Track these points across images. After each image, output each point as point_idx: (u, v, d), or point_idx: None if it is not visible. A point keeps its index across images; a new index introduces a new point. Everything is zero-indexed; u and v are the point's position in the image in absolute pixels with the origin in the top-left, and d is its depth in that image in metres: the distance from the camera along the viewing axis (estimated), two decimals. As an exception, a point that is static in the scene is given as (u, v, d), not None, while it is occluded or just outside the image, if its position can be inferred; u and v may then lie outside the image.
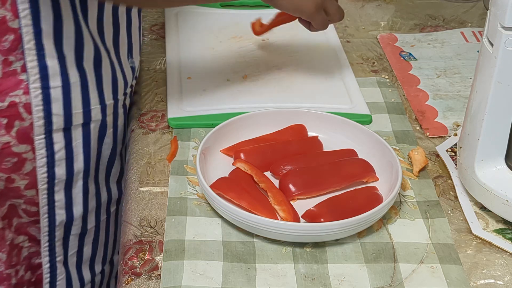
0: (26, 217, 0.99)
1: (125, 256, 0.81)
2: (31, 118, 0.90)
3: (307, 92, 1.07)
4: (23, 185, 0.95)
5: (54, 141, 0.93)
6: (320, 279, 0.77)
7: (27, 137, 0.91)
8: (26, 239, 1.01)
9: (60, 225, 0.99)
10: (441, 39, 1.25)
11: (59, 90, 0.90)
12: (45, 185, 0.95)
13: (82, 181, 0.99)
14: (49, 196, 0.96)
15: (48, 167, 0.94)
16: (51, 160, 0.94)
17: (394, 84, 1.11)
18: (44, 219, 0.97)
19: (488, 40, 0.81)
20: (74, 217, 1.01)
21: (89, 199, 1.02)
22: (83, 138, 0.96)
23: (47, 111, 0.90)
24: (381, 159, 0.90)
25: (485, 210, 0.87)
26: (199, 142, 0.95)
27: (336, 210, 0.82)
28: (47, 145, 0.92)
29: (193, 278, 0.77)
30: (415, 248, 0.82)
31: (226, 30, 1.22)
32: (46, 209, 0.97)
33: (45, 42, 0.86)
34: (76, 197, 1.00)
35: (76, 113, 0.93)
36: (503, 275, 0.79)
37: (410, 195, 0.89)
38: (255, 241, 0.82)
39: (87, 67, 0.92)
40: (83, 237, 1.04)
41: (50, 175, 0.94)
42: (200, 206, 0.86)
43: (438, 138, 1.00)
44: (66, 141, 0.94)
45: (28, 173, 0.94)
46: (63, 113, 0.92)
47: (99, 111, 0.96)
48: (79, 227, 1.03)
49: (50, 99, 0.90)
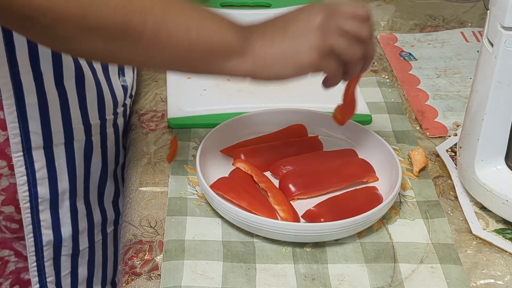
0: (9, 233, 0.97)
1: (125, 256, 0.81)
2: (5, 134, 0.87)
3: (307, 92, 1.07)
4: (0, 201, 0.92)
5: (34, 159, 0.90)
6: (320, 279, 0.77)
7: (2, 153, 0.89)
8: (12, 253, 0.99)
9: (48, 245, 0.97)
10: (441, 39, 1.25)
11: (35, 108, 0.87)
12: (27, 203, 0.93)
13: (69, 201, 0.97)
14: (33, 216, 0.94)
15: (29, 185, 0.91)
16: (32, 178, 0.91)
17: (394, 84, 1.11)
18: (29, 239, 0.95)
19: (488, 40, 0.81)
20: (63, 238, 0.98)
21: (78, 220, 0.99)
22: (67, 157, 0.94)
23: (24, 129, 0.87)
24: (381, 159, 0.90)
25: (485, 210, 0.87)
26: (199, 142, 0.95)
27: (336, 210, 0.82)
28: (27, 163, 0.90)
29: (193, 278, 0.77)
30: (415, 248, 0.81)
31: (226, 30, 1.22)
32: (30, 229, 0.95)
33: (19, 59, 0.83)
34: (64, 217, 0.97)
35: (56, 132, 0.91)
36: (503, 275, 0.79)
37: (410, 195, 0.89)
38: (255, 241, 0.82)
39: (68, 85, 0.89)
40: (76, 258, 1.02)
41: (32, 194, 0.92)
42: (200, 206, 0.86)
43: (438, 138, 1.00)
44: (48, 159, 0.92)
45: (4, 189, 0.92)
46: (41, 131, 0.89)
47: (82, 131, 0.94)
48: (70, 248, 1.00)
49: (26, 117, 0.87)
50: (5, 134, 0.88)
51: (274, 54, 0.75)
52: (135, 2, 0.69)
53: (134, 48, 0.71)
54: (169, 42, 0.72)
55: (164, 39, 0.71)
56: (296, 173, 0.88)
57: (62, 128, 0.91)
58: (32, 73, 0.85)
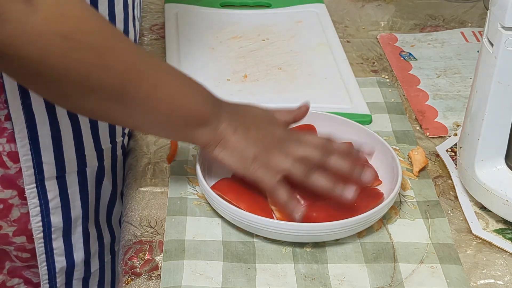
0: (19, 262, 0.95)
1: (125, 256, 0.81)
2: (17, 167, 0.86)
3: (307, 92, 1.07)
4: (11, 232, 0.91)
5: (48, 190, 0.90)
6: (320, 279, 0.77)
7: (13, 183, 0.88)
8: (22, 282, 0.98)
9: (60, 271, 0.96)
10: (441, 39, 1.25)
11: (49, 139, 0.87)
12: (40, 234, 0.92)
13: (81, 227, 0.96)
14: (46, 245, 0.93)
15: (42, 216, 0.91)
16: (46, 208, 0.90)
17: (394, 84, 1.11)
18: (42, 267, 0.94)
19: (488, 40, 0.81)
20: (76, 263, 0.98)
21: (90, 244, 0.99)
22: (80, 185, 0.93)
23: (37, 160, 0.87)
24: (381, 159, 0.90)
25: (485, 210, 0.87)
26: (199, 142, 0.95)
27: (336, 210, 0.82)
28: (40, 194, 0.89)
29: (193, 278, 0.77)
30: (415, 248, 0.82)
31: (226, 30, 1.22)
32: (44, 258, 0.94)
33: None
34: (77, 243, 0.96)
35: (69, 160, 0.90)
36: (503, 275, 0.79)
37: (410, 195, 0.89)
38: (255, 241, 0.82)
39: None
40: (87, 280, 1.01)
41: (45, 223, 0.91)
42: (200, 206, 0.86)
43: (438, 138, 1.00)
44: (60, 188, 0.91)
45: (15, 220, 0.90)
46: (55, 162, 0.88)
47: (94, 157, 0.93)
48: (82, 272, 0.99)
49: (39, 148, 0.86)
50: (17, 166, 0.87)
51: (231, 142, 0.81)
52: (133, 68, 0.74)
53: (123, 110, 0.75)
54: (154, 108, 0.77)
55: (152, 105, 0.76)
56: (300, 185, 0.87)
57: (75, 156, 0.91)
58: (45, 104, 0.85)
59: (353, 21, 1.30)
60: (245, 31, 1.21)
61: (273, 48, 1.18)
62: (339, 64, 1.14)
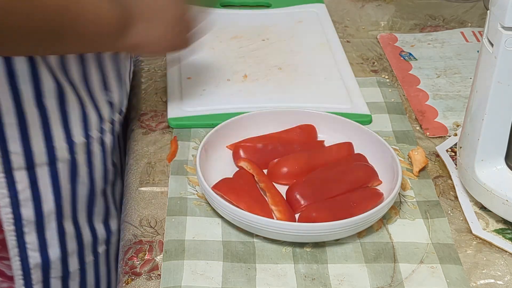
0: None
1: (125, 256, 0.81)
2: None
3: (307, 92, 1.07)
4: None
5: (16, 180, 0.89)
6: (320, 279, 0.77)
7: None
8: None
9: (36, 267, 0.95)
10: (441, 39, 1.25)
11: (15, 128, 0.86)
12: (11, 226, 0.91)
13: (55, 222, 0.95)
14: (19, 238, 0.92)
15: (12, 207, 0.90)
16: (15, 200, 0.90)
17: (394, 84, 1.11)
18: (15, 261, 0.94)
19: (488, 40, 0.81)
20: (51, 260, 0.96)
21: (67, 241, 0.97)
22: (51, 178, 0.92)
23: (3, 149, 0.86)
24: (381, 159, 0.90)
25: (485, 210, 0.87)
26: (199, 142, 0.95)
27: (336, 210, 0.82)
28: (9, 184, 0.88)
29: (193, 278, 0.77)
30: (415, 248, 0.82)
31: (226, 30, 1.22)
32: (17, 251, 0.93)
33: None
34: (51, 238, 0.95)
35: (38, 152, 0.89)
36: (503, 275, 0.79)
37: (410, 195, 0.89)
38: (255, 241, 0.82)
39: (49, 104, 0.87)
40: (67, 279, 1.00)
41: (16, 216, 0.91)
42: (200, 206, 0.86)
43: (438, 138, 1.00)
44: (31, 180, 0.90)
45: None
46: (22, 152, 0.88)
47: (65, 150, 0.92)
48: (59, 270, 0.98)
49: (5, 137, 0.86)
50: None
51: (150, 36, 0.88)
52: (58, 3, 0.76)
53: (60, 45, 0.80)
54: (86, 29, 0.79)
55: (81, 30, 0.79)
56: (303, 185, 0.87)
57: (44, 148, 0.89)
58: (10, 93, 0.84)
59: (353, 21, 1.30)
60: (245, 31, 1.21)
61: (273, 48, 1.18)
62: (339, 64, 1.14)
